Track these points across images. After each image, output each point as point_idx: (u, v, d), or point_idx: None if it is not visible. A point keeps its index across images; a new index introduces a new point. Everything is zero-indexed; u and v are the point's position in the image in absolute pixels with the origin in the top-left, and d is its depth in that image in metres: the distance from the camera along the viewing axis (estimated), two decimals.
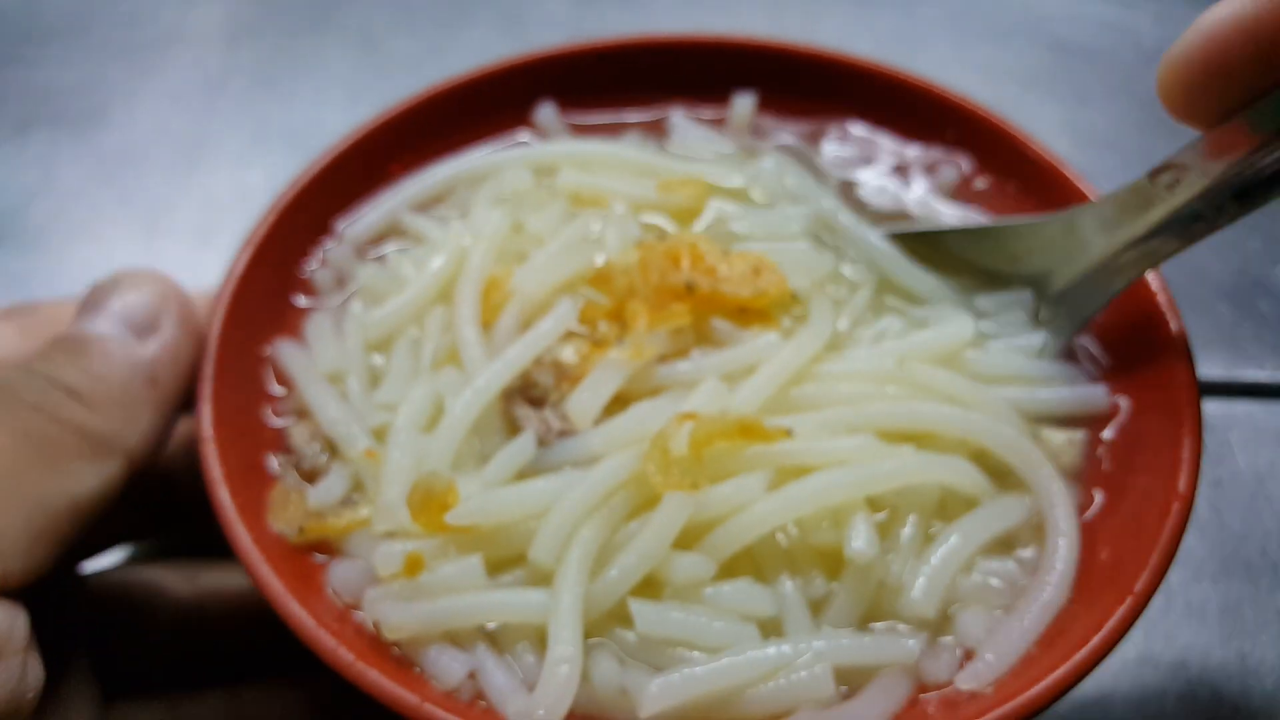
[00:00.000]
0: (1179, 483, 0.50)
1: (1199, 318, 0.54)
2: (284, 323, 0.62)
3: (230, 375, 0.56)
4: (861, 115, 0.70)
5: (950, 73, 0.70)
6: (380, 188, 0.67)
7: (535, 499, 0.49)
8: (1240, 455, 0.79)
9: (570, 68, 0.70)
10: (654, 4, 1.20)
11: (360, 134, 0.66)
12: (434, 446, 0.52)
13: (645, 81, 0.71)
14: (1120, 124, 1.09)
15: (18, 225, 0.96)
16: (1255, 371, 0.84)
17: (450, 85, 0.68)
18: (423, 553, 0.49)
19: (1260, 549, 0.75)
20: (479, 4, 1.19)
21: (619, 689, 0.47)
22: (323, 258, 0.64)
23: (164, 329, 0.52)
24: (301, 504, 0.54)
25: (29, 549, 0.43)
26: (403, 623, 0.48)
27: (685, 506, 0.47)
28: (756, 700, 0.46)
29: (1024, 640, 0.48)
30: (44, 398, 0.46)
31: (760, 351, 0.55)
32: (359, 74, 1.11)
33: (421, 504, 0.48)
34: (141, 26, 1.17)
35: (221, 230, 0.94)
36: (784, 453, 0.50)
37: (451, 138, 0.69)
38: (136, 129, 1.05)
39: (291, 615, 0.47)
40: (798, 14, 1.18)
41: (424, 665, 0.48)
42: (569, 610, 0.46)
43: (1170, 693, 0.69)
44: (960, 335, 0.57)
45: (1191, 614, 0.72)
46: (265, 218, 0.61)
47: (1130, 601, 0.46)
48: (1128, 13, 1.18)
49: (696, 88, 0.72)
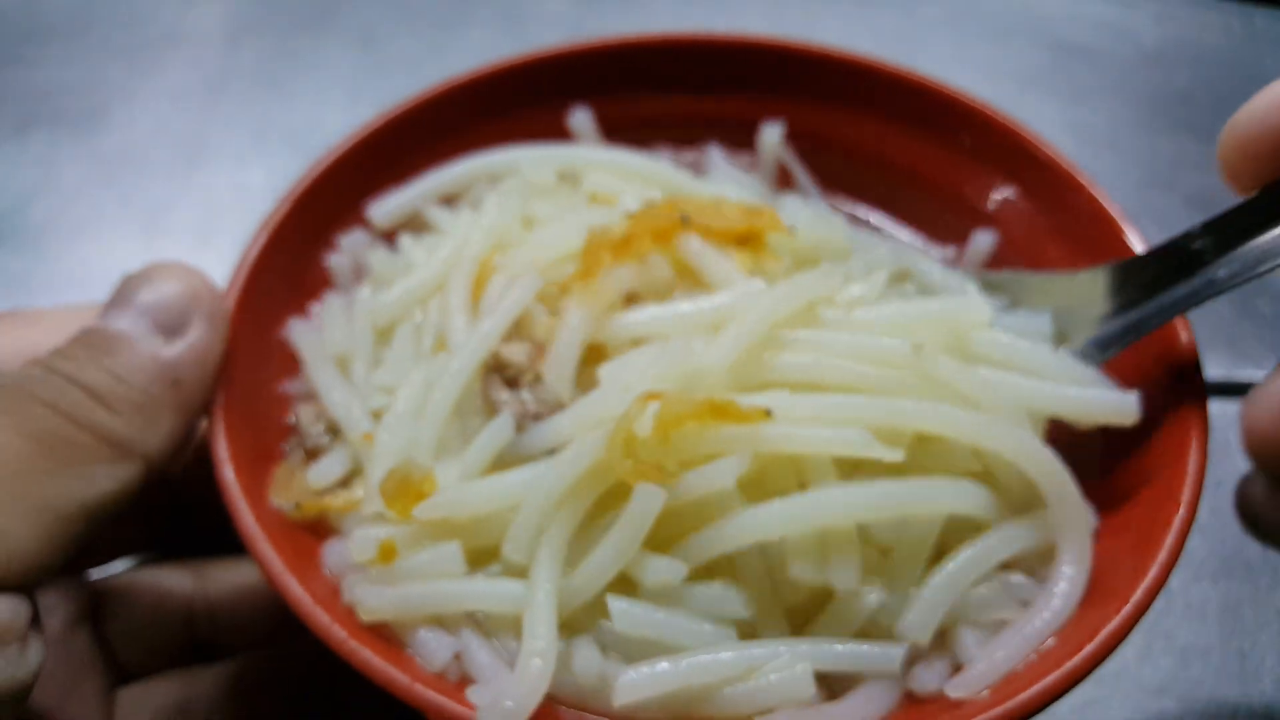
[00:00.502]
0: (1180, 500, 0.49)
1: (1199, 317, 0.54)
2: (300, 306, 0.62)
3: (243, 356, 0.55)
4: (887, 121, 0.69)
5: (950, 72, 0.70)
6: (404, 178, 0.67)
7: (504, 493, 0.48)
8: (1240, 455, 0.78)
9: (613, 63, 0.69)
10: (653, 3, 1.20)
11: (376, 125, 0.65)
12: (418, 431, 0.52)
13: (680, 82, 0.70)
14: (1119, 124, 1.09)
15: (17, 225, 0.96)
16: (1255, 371, 0.84)
17: (465, 79, 0.67)
18: (398, 540, 0.49)
19: (1260, 549, 0.75)
20: (479, 4, 1.19)
21: (600, 676, 0.46)
22: (341, 244, 0.64)
23: (192, 329, 0.50)
24: (303, 482, 0.54)
25: (38, 550, 0.43)
26: (378, 606, 0.48)
27: (655, 498, 0.45)
28: (734, 697, 0.46)
29: (1019, 653, 0.47)
30: (62, 397, 0.45)
31: (741, 300, 0.51)
32: (359, 74, 1.11)
33: (397, 491, 0.48)
34: (141, 26, 1.17)
35: (221, 230, 0.94)
36: (762, 437, 0.46)
37: (481, 131, 0.68)
38: (136, 129, 1.05)
39: (288, 591, 0.47)
40: (797, 13, 1.18)
41: (413, 646, 0.48)
42: (543, 605, 0.46)
43: (1170, 692, 0.69)
44: (976, 312, 0.52)
45: (1191, 614, 0.72)
46: (285, 199, 0.61)
47: (1126, 612, 0.46)
48: (1127, 13, 1.18)
49: (729, 89, 0.71)
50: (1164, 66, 1.12)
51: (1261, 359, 0.85)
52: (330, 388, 0.57)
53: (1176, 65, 1.12)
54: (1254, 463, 0.47)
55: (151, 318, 0.50)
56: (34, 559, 0.43)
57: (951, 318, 0.52)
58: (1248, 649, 0.70)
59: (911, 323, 0.51)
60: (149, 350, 0.49)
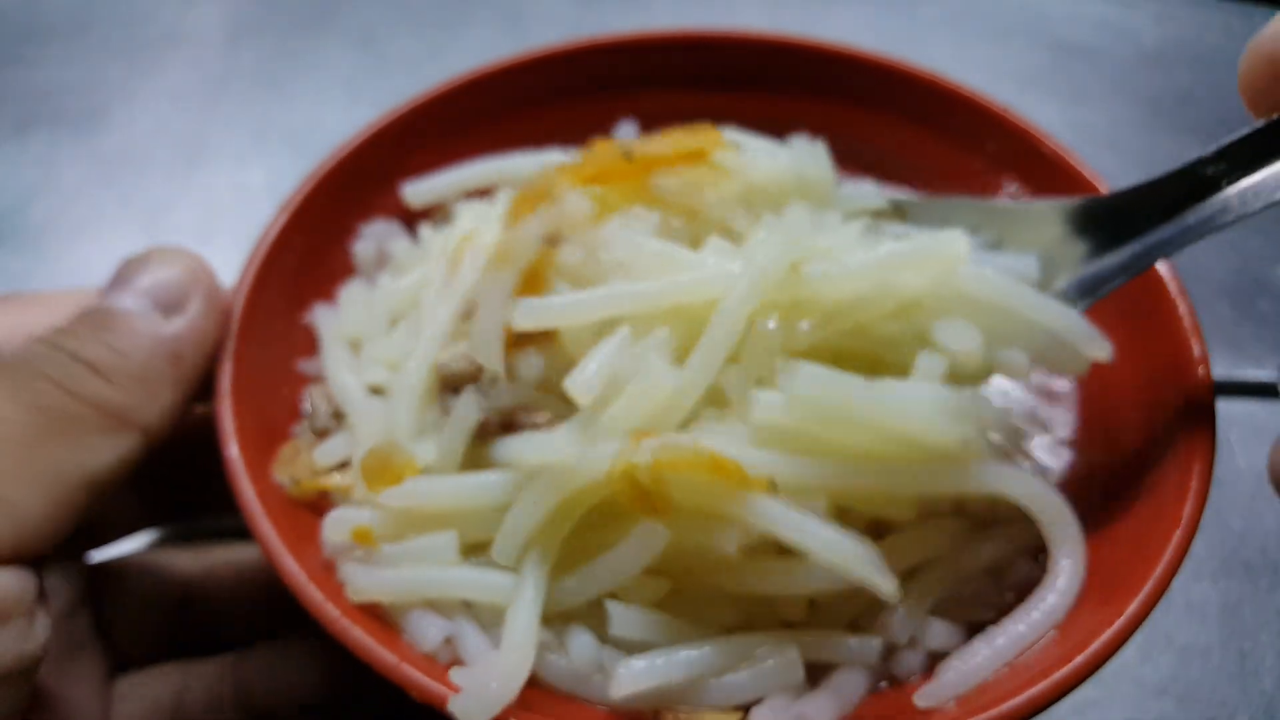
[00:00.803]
0: (1183, 515, 0.48)
1: (1199, 317, 0.54)
2: (328, 290, 0.63)
3: (256, 335, 0.56)
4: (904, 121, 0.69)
5: (950, 72, 0.70)
6: (434, 165, 0.67)
7: (471, 492, 0.49)
8: (1240, 455, 0.79)
9: (653, 55, 0.70)
10: (653, 2, 1.20)
11: (404, 110, 0.66)
12: (394, 414, 0.53)
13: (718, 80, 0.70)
14: (1119, 123, 1.09)
15: (18, 225, 0.96)
16: (1255, 371, 0.85)
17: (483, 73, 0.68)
18: (375, 524, 0.50)
19: (1260, 548, 0.75)
20: (479, 4, 1.20)
21: (597, 666, 0.47)
22: (364, 231, 0.65)
23: (191, 307, 0.52)
24: (309, 461, 0.55)
25: (43, 519, 0.44)
26: (368, 587, 0.48)
27: (659, 538, 0.44)
28: (726, 686, 0.46)
29: (988, 666, 0.47)
30: (64, 372, 0.47)
31: (702, 283, 0.48)
32: (359, 74, 1.12)
33: (377, 472, 0.49)
34: (141, 26, 1.17)
35: (221, 230, 0.94)
36: (763, 514, 0.44)
37: (513, 120, 0.69)
38: (136, 129, 1.06)
39: (282, 566, 0.47)
40: (797, 13, 1.18)
41: (405, 628, 0.49)
42: (528, 605, 0.46)
43: (1170, 693, 0.69)
44: (954, 249, 0.50)
45: (1191, 613, 0.72)
46: (309, 179, 0.62)
47: (1117, 627, 0.45)
48: (1127, 12, 1.18)
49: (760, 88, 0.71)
50: (1164, 66, 1.12)
51: (1262, 359, 0.85)
52: (337, 369, 0.58)
53: (1177, 65, 1.12)
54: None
55: (152, 296, 0.51)
56: (41, 528, 0.44)
57: (929, 258, 0.49)
58: (1248, 649, 0.70)
59: (888, 266, 0.49)
60: (149, 327, 0.50)
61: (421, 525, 0.50)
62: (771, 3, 1.20)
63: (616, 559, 0.46)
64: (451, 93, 0.67)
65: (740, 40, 0.71)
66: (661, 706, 0.47)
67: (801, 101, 0.71)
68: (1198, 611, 0.72)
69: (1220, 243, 0.54)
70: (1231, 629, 0.71)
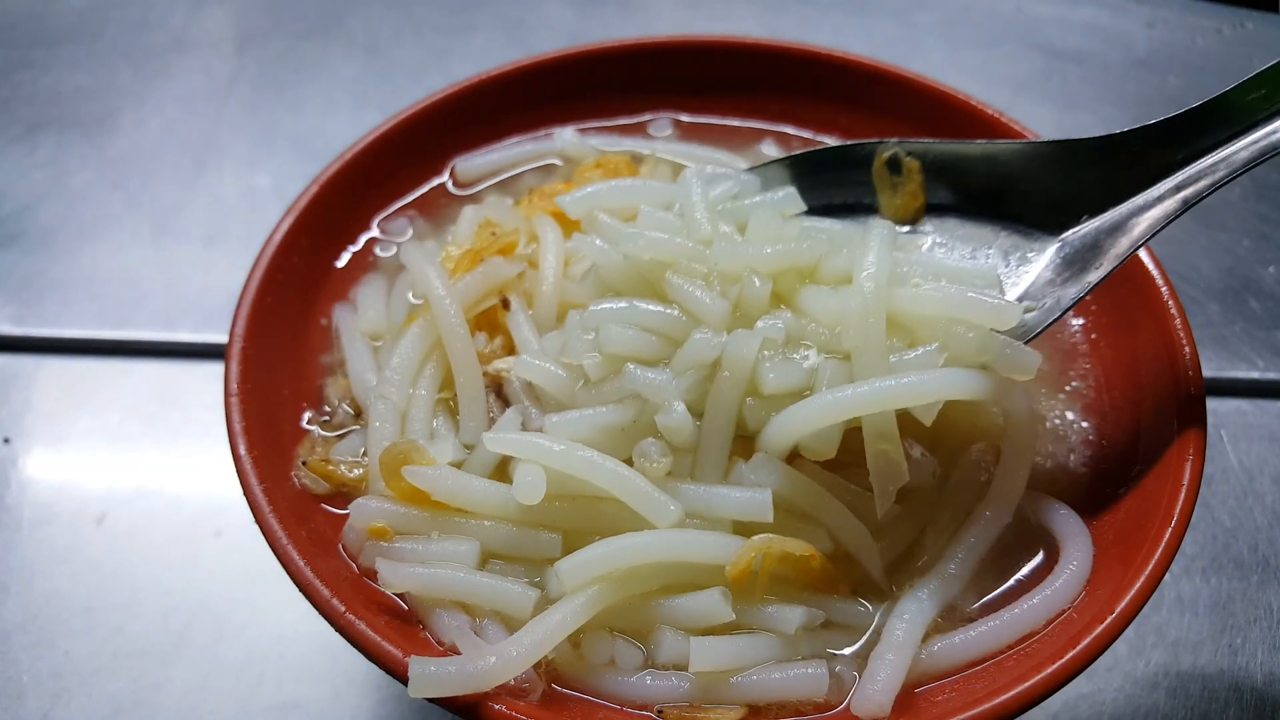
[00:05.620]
0: (1174, 511, 0.49)
1: (1190, 317, 0.55)
2: (329, 288, 0.65)
3: (263, 335, 0.57)
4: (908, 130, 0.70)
5: (943, 77, 0.71)
6: (473, 146, 0.71)
7: (496, 499, 0.51)
8: (1231, 452, 0.80)
9: (692, 61, 0.73)
10: (653, 9, 1.21)
11: (436, 98, 0.69)
12: (410, 413, 0.56)
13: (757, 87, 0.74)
14: (1112, 127, 1.09)
15: (27, 227, 0.97)
16: (1246, 369, 0.85)
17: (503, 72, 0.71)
18: (394, 519, 0.51)
19: (1250, 545, 0.76)
20: (481, 11, 1.21)
21: (609, 659, 0.49)
22: (386, 229, 0.67)
23: None
24: (325, 454, 0.57)
25: None
26: (396, 581, 0.50)
27: (726, 615, 0.48)
28: (744, 686, 0.48)
29: (902, 668, 0.48)
30: None
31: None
32: (364, 80, 1.13)
33: (395, 468, 0.51)
34: (150, 32, 1.18)
35: (228, 233, 0.95)
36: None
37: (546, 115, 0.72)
38: (145, 133, 1.07)
39: (289, 561, 0.48)
40: (794, 19, 1.19)
41: (427, 624, 0.50)
42: (557, 625, 0.47)
43: (1161, 687, 0.69)
44: (786, 200, 0.57)
45: (1182, 609, 0.72)
46: (314, 184, 0.64)
47: (1110, 622, 0.46)
48: (1119, 18, 1.19)
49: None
50: (1156, 71, 1.13)
51: (1252, 357, 0.86)
52: (356, 366, 0.60)
53: (1168, 69, 1.13)
54: None
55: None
56: None
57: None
58: (1238, 644, 0.71)
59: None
60: None
61: (441, 526, 0.51)
62: (769, 10, 1.21)
63: (687, 610, 0.48)
64: (452, 95, 0.69)
65: (740, 45, 0.73)
66: (669, 703, 0.48)
67: (801, 103, 0.73)
68: (1189, 606, 0.72)
69: (1210, 243, 0.56)
70: (1222, 624, 0.72)
